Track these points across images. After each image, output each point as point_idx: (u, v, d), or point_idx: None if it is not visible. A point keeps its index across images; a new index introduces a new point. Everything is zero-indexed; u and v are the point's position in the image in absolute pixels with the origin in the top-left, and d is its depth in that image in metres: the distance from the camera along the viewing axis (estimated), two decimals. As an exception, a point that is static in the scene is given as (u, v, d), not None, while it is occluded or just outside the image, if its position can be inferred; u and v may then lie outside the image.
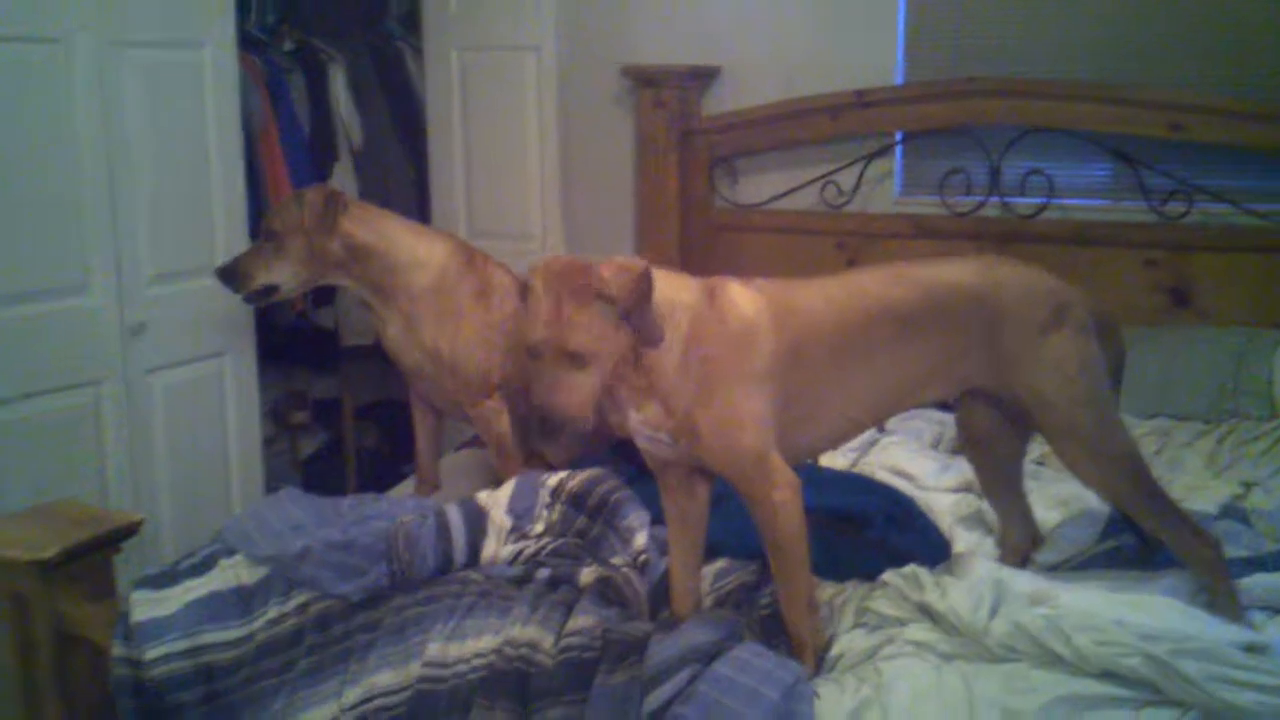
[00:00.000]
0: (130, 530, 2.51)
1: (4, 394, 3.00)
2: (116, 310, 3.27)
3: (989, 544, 2.59)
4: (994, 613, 2.02)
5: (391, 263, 3.04)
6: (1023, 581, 2.13)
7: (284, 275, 3.06)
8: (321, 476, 4.59)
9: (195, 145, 3.48)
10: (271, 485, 3.72)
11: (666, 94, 4.14)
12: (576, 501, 2.48)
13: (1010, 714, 1.84)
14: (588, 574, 2.28)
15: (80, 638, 2.38)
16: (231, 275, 3.09)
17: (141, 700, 2.19)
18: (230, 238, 3.58)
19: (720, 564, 2.42)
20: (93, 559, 2.44)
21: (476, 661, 2.09)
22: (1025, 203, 3.83)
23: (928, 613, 2.10)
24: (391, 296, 3.07)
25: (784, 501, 2.07)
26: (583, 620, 2.11)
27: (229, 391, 3.66)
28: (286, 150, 4.08)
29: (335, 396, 4.71)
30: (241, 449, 3.72)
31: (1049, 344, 2.19)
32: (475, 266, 3.09)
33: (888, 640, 2.07)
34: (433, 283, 3.01)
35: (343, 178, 4.34)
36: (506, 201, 4.22)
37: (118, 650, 2.22)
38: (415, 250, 3.05)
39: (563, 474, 2.57)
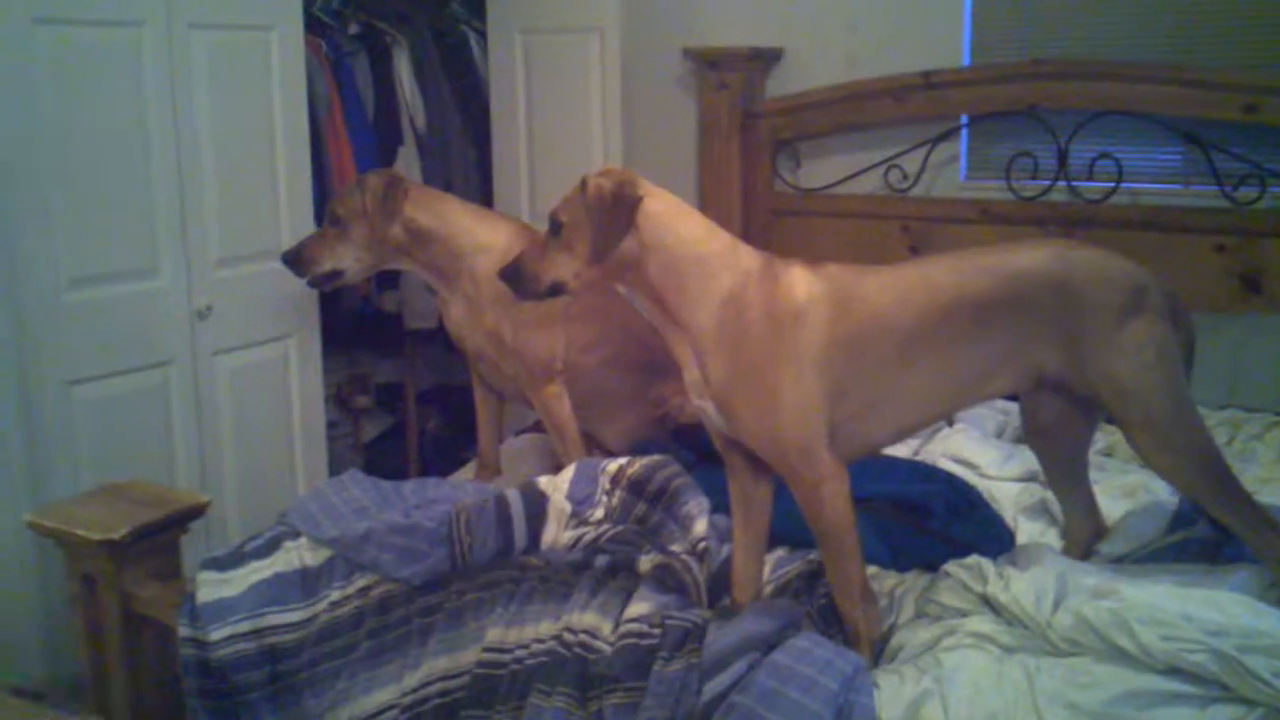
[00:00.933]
0: (197, 511, 2.55)
1: (75, 375, 3.05)
2: (184, 293, 3.30)
3: (1053, 535, 2.56)
4: (1058, 605, 2.00)
5: (454, 247, 3.05)
6: (1087, 574, 2.10)
7: (348, 260, 3.09)
8: (384, 460, 4.62)
9: (262, 129, 3.50)
10: (335, 469, 3.75)
11: (729, 76, 4.11)
12: (636, 488, 2.48)
13: (1073, 708, 1.82)
14: (646, 561, 2.28)
15: (148, 618, 2.42)
16: (296, 260, 3.13)
17: (207, 680, 2.23)
18: (295, 221, 3.61)
19: (780, 552, 2.42)
20: (160, 540, 2.48)
21: (536, 647, 2.10)
22: (1093, 187, 3.76)
23: (990, 604, 2.08)
24: (454, 280, 3.08)
25: (831, 493, 2.05)
26: (641, 607, 2.11)
27: (293, 374, 3.69)
28: (351, 133, 4.10)
29: (398, 381, 4.74)
30: (305, 432, 3.76)
31: (1127, 330, 2.13)
32: None
33: (949, 632, 2.05)
34: (496, 266, 3.02)
35: (406, 161, 4.35)
36: (569, 184, 4.18)
37: (183, 631, 2.26)
38: (477, 234, 3.06)
39: (623, 460, 2.58)
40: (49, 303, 2.96)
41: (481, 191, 4.48)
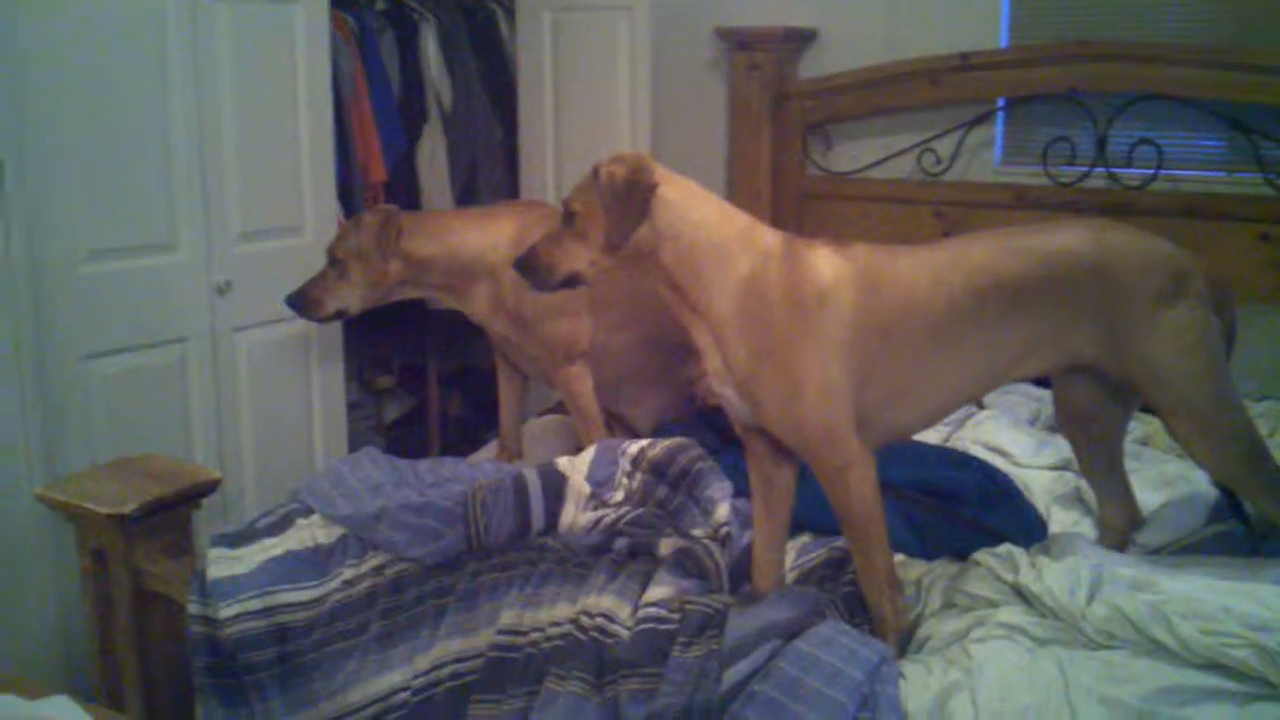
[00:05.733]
0: (209, 487, 2.51)
1: (92, 350, 3.01)
2: (204, 268, 3.27)
3: (1087, 524, 2.48)
4: (1092, 596, 1.92)
5: (459, 263, 3.03)
6: (1124, 564, 2.02)
7: (351, 299, 3.07)
8: (405, 442, 4.58)
9: (285, 104, 3.46)
10: (355, 450, 3.70)
11: (761, 57, 4.04)
12: (658, 470, 2.42)
13: (1109, 703, 1.74)
14: (667, 544, 2.21)
15: (158, 594, 2.38)
16: (301, 304, 3.10)
17: (216, 659, 2.18)
18: (318, 198, 3.58)
19: (804, 539, 2.35)
20: (171, 515, 2.44)
21: (551, 630, 2.04)
22: (1132, 174, 3.67)
23: (1022, 595, 2.01)
24: (470, 288, 3.05)
25: (858, 480, 1.98)
26: (661, 591, 2.05)
27: (314, 353, 3.66)
28: (376, 111, 4.05)
29: (421, 362, 4.70)
30: (325, 412, 3.72)
31: (1166, 315, 2.05)
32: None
33: (978, 622, 1.97)
34: (509, 257, 2.98)
35: (432, 140, 4.30)
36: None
37: (193, 608, 2.22)
38: (480, 241, 3.02)
39: (644, 442, 2.51)
40: (67, 275, 2.93)
41: (507, 171, 4.43)
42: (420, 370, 4.71)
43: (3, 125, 2.72)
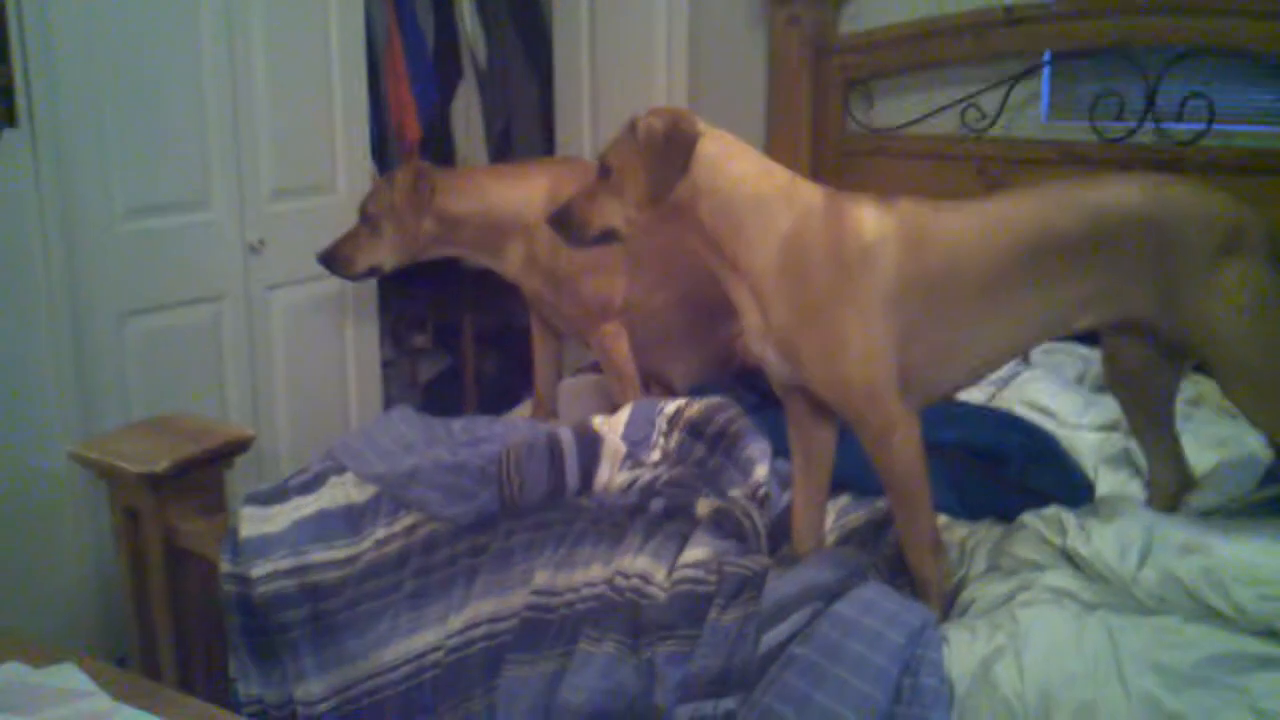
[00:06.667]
0: (242, 445, 2.49)
1: (130, 307, 3.00)
2: (237, 225, 3.24)
3: (1136, 486, 2.41)
4: (1143, 560, 1.86)
5: (493, 220, 2.98)
6: (1176, 527, 1.96)
7: (383, 257, 3.02)
8: (441, 401, 4.56)
9: (318, 59, 3.42)
10: (390, 409, 3.69)
11: (801, 10, 3.95)
12: (695, 430, 2.37)
13: (1161, 671, 1.68)
14: (704, 505, 2.17)
15: (191, 553, 2.36)
16: (332, 261, 3.05)
17: (249, 618, 2.16)
18: (351, 155, 3.54)
19: (845, 500, 2.30)
20: (204, 473, 2.42)
21: (586, 591, 2.01)
22: (1183, 129, 3.57)
23: (1069, 558, 1.95)
24: (504, 246, 3.01)
25: (901, 440, 1.93)
26: (698, 553, 2.01)
27: (348, 312, 3.64)
28: (410, 66, 4.01)
29: (456, 320, 4.66)
30: (360, 370, 3.70)
31: (1223, 272, 1.97)
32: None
33: (1024, 586, 1.92)
34: (541, 213, 2.93)
35: (466, 96, 4.26)
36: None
37: (225, 566, 2.20)
38: (514, 198, 2.97)
39: (681, 401, 2.46)
40: (104, 232, 2.91)
41: (542, 127, 4.37)
42: (455, 329, 4.67)
43: (35, 79, 2.70)
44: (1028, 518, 2.08)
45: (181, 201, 3.11)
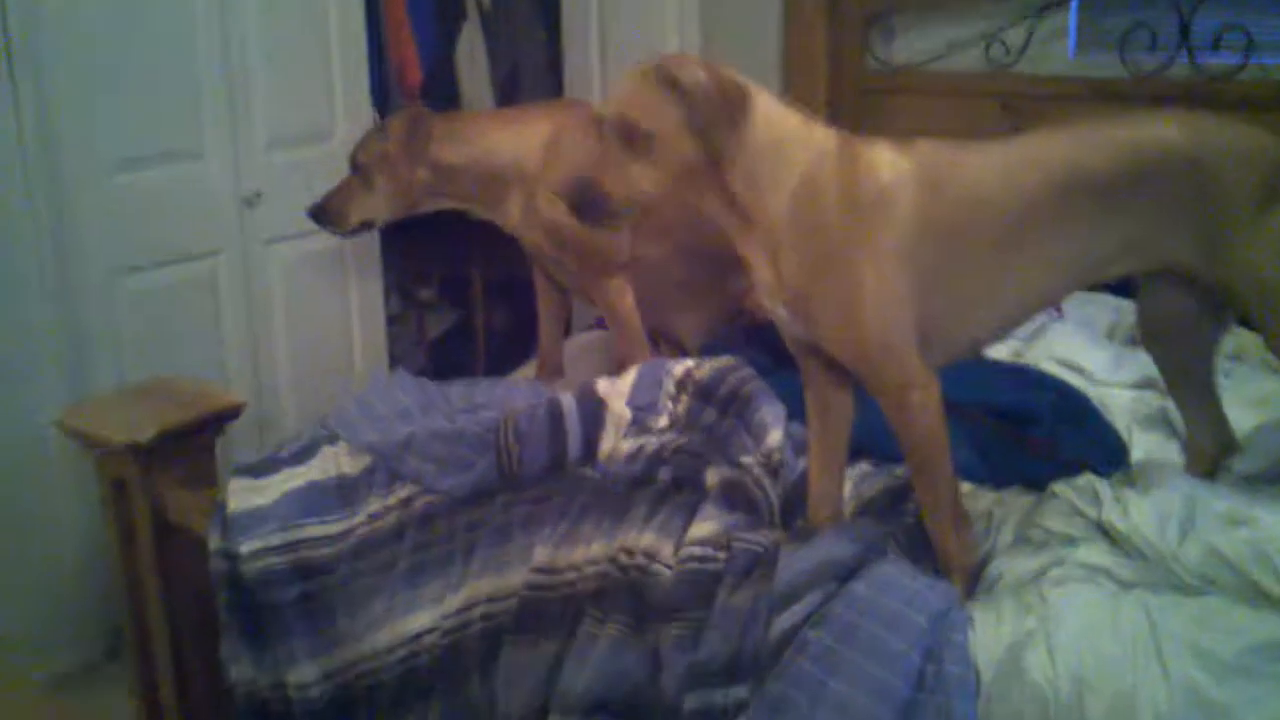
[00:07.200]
0: (233, 413, 2.39)
1: (122, 264, 2.91)
2: (232, 178, 3.14)
3: (1173, 449, 2.28)
4: (1185, 534, 1.74)
5: (489, 169, 2.85)
6: (1218, 496, 1.84)
7: (376, 210, 2.89)
8: (450, 357, 4.45)
9: (314, 1, 3.28)
10: (396, 365, 3.59)
11: (817, -58, 3.79)
12: (704, 393, 2.22)
13: (1203, 656, 1.56)
14: (714, 475, 2.05)
15: (180, 527, 2.27)
16: (322, 214, 2.92)
17: (238, 595, 2.07)
18: (350, 102, 3.42)
19: (863, 466, 2.18)
20: (193, 442, 2.32)
21: (588, 570, 1.90)
22: (1219, 62, 3.41)
23: (1104, 531, 1.83)
24: (502, 196, 2.88)
25: (921, 401, 1.80)
26: (707, 527, 1.89)
27: (351, 266, 3.53)
28: (411, 9, 3.87)
29: (464, 273, 4.54)
30: (364, 326, 3.60)
31: (1271, 216, 1.84)
32: (592, 133, 2.86)
33: (1055, 561, 1.80)
34: (542, 161, 2.79)
35: (470, 40, 4.11)
36: (642, 58, 3.96)
37: (214, 542, 2.10)
38: (512, 145, 2.83)
39: (690, 362, 2.31)
40: (92, 186, 2.81)
41: (550, 70, 4.23)
42: (464, 281, 4.55)
43: (14, 23, 2.58)
44: (1059, 486, 1.96)
45: (172, 152, 3.00)
